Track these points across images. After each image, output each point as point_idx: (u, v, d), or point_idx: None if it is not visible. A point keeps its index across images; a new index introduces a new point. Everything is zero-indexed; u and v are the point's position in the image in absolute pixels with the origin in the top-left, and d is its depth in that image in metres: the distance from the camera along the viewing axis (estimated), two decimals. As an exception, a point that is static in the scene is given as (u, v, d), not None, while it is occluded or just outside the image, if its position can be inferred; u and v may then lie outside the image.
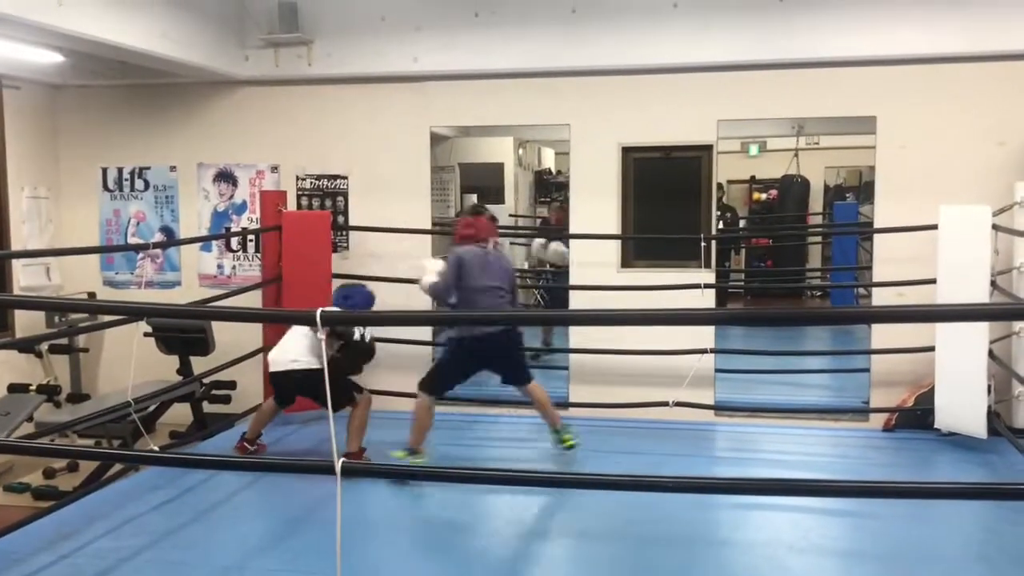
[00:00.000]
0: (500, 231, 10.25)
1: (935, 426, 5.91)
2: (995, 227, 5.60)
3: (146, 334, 6.61)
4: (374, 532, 4.55)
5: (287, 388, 5.60)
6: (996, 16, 6.04)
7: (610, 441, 6.19)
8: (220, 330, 6.66)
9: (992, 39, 6.05)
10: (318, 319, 2.62)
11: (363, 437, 5.47)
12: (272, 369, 5.60)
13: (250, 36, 7.06)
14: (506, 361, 5.57)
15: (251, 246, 7.35)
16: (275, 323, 6.33)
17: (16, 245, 7.10)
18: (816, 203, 13.04)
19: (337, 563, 2.88)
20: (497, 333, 5.35)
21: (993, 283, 5.63)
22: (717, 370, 6.66)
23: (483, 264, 5.44)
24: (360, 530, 4.50)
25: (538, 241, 9.42)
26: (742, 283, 11.75)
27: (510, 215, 11.19)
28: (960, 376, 5.67)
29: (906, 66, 6.26)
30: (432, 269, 5.56)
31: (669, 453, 5.89)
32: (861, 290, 8.72)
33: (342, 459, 2.79)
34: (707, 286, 6.46)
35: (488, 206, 11.36)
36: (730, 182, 12.58)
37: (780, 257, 11.78)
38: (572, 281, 6.96)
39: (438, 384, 5.52)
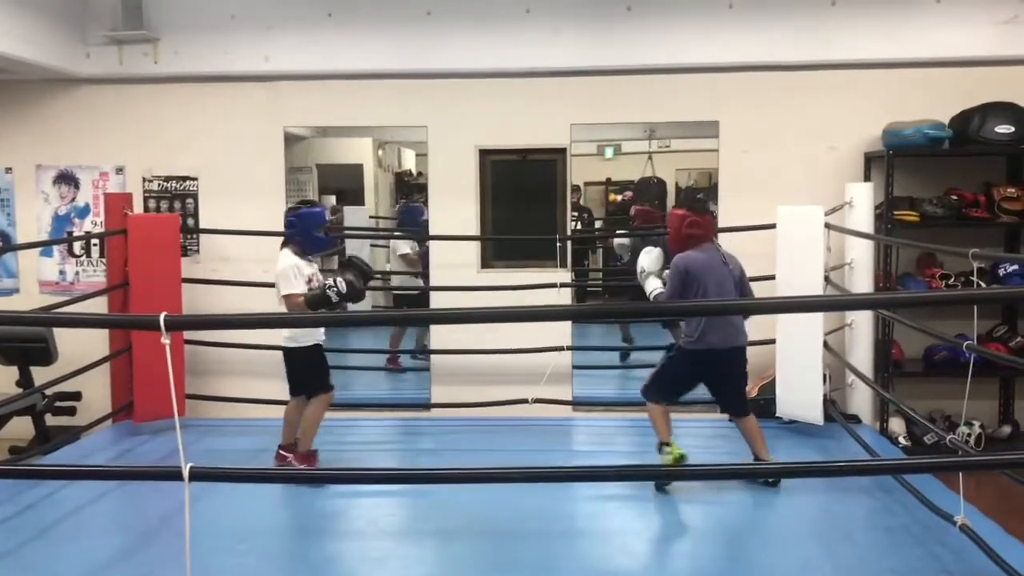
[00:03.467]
0: (358, 233, 10.22)
1: (777, 414, 6.23)
2: (827, 226, 5.95)
3: (-20, 345, 6.25)
4: (234, 540, 4.44)
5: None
6: (824, 28, 6.44)
7: (471, 440, 6.26)
8: (63, 339, 6.36)
9: (821, 50, 6.45)
10: (161, 324, 2.56)
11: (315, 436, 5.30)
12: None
13: (92, 32, 6.78)
14: (725, 381, 5.20)
15: (95, 251, 7.05)
16: (113, 328, 6.15)
17: None
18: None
19: (187, 569, 2.81)
20: (724, 350, 5.02)
21: (826, 278, 5.99)
22: (575, 367, 6.83)
23: (713, 270, 4.95)
24: (217, 538, 4.39)
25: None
26: (600, 282, 12.01)
27: (370, 216, 11.11)
28: (798, 367, 6.00)
29: (745, 73, 6.60)
30: (649, 266, 5.22)
31: (529, 449, 6.00)
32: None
33: (189, 465, 2.73)
34: (563, 285, 6.61)
35: (347, 207, 11.32)
36: (587, 184, 12.86)
37: (636, 256, 12.10)
38: (432, 282, 6.99)
39: (661, 390, 5.19)
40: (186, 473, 2.72)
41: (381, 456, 6.04)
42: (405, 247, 8.48)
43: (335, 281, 4.98)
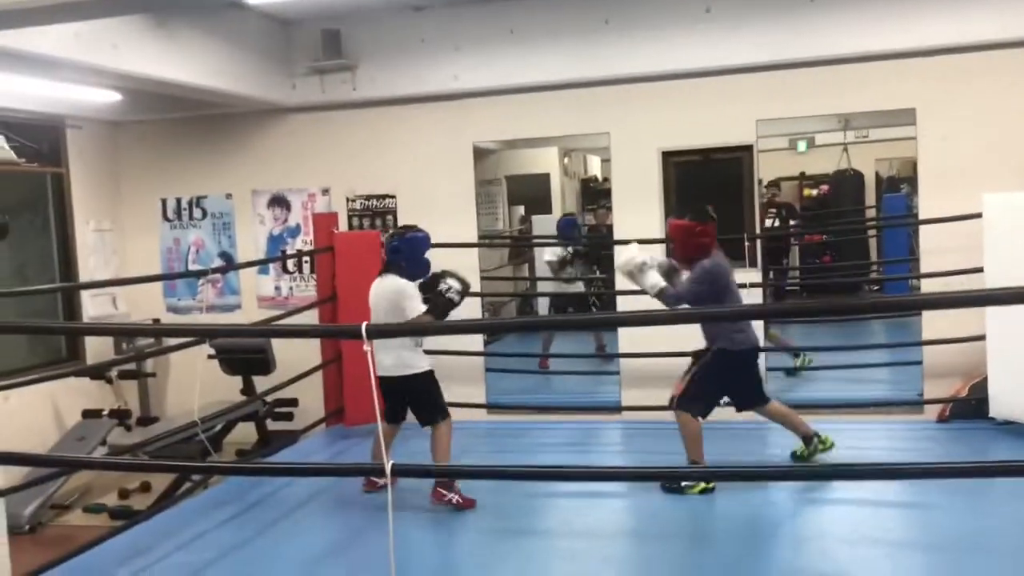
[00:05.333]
0: (543, 241, 10.41)
1: (990, 415, 5.87)
2: (1041, 212, 5.56)
3: (210, 356, 6.86)
4: (437, 535, 4.69)
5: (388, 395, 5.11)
6: (1031, 1, 6.01)
7: (664, 443, 6.24)
8: (281, 349, 6.89)
9: (1026, 24, 6.02)
10: (364, 332, 2.77)
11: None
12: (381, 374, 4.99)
13: (296, 64, 7.30)
14: (757, 376, 5.33)
15: (306, 267, 7.59)
16: (322, 338, 6.59)
17: (83, 277, 7.44)
18: (869, 196, 12.92)
19: (391, 565, 3.01)
20: (759, 348, 5.23)
21: (1042, 269, 5.58)
22: (768, 368, 6.68)
23: (731, 273, 5.15)
24: (423, 532, 4.65)
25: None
26: (796, 281, 11.66)
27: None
28: (1013, 364, 5.63)
29: (942, 56, 6.25)
30: (650, 260, 5.09)
31: (723, 452, 5.88)
32: (914, 281, 8.66)
33: (391, 462, 2.93)
34: (752, 285, 6.49)
35: (535, 216, 11.56)
36: (781, 179, 12.52)
37: (838, 252, 11.68)
38: (618, 286, 7.03)
39: (704, 401, 5.13)
40: (388, 469, 2.93)
41: (571, 457, 6.14)
42: (548, 254, 8.76)
43: (449, 284, 5.04)
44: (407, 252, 5.11)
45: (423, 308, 4.93)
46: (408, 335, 4.96)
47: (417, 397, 5.12)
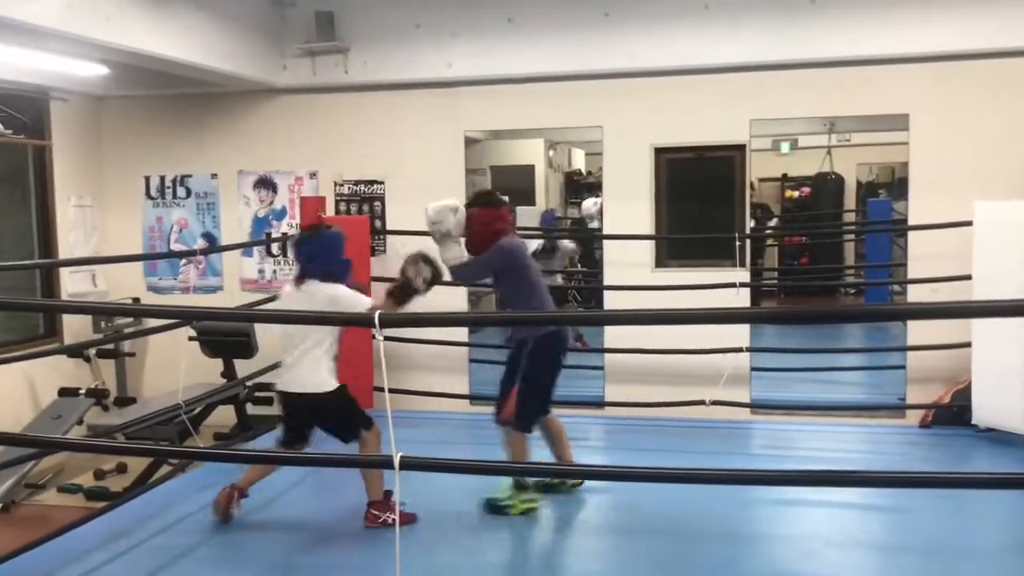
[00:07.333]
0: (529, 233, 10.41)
1: (972, 422, 5.92)
2: (1032, 223, 5.61)
3: (191, 338, 6.77)
4: (424, 526, 4.64)
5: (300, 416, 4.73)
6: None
7: (647, 440, 6.26)
8: (262, 333, 6.80)
9: (1025, 35, 6.06)
10: (376, 321, 2.71)
11: (383, 480, 4.64)
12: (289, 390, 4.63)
13: (288, 45, 7.19)
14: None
15: (291, 251, 7.49)
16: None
17: (63, 253, 7.29)
18: (849, 200, 13.00)
19: (396, 553, 2.97)
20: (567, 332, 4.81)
21: (1030, 278, 5.63)
22: (753, 368, 6.70)
23: (530, 256, 4.82)
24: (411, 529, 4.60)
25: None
26: (775, 281, 11.71)
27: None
28: (998, 372, 5.68)
29: (939, 63, 6.27)
30: (455, 228, 4.66)
31: (706, 451, 5.94)
32: (895, 287, 8.72)
33: (400, 455, 2.89)
34: (742, 285, 6.50)
35: (519, 207, 11.54)
36: (761, 180, 12.55)
37: (814, 255, 11.74)
38: (606, 281, 7.03)
39: (541, 405, 4.73)
40: (396, 462, 2.88)
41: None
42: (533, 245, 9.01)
43: (419, 267, 4.37)
44: (324, 255, 4.54)
45: (368, 301, 4.48)
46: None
47: (327, 416, 4.67)
